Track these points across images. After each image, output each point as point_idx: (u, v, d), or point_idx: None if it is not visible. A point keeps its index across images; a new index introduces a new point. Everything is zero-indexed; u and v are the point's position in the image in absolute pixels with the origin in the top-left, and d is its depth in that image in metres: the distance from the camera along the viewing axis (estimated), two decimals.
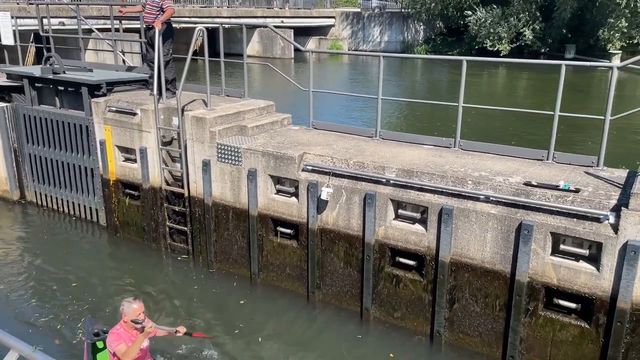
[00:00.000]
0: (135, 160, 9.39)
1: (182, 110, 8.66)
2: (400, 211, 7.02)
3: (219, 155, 8.19)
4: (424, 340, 6.95)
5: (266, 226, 8.07)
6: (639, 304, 5.46)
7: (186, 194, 8.85)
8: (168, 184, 9.18)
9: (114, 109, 9.42)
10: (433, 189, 6.62)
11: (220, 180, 8.32)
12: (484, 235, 6.28)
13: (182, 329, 5.64)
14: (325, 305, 7.75)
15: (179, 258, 9.21)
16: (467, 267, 6.49)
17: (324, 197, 7.19)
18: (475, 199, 6.35)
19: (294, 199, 7.78)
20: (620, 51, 37.24)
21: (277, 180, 7.92)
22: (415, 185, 6.74)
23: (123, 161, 9.63)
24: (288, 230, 7.95)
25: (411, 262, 6.96)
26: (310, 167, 7.50)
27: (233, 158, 8.05)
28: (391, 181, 6.90)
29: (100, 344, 6.06)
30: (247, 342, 6.96)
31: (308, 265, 7.77)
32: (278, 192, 7.98)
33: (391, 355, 6.72)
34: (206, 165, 8.32)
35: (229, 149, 8.04)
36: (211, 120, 8.27)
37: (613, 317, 5.58)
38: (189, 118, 8.39)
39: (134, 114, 9.15)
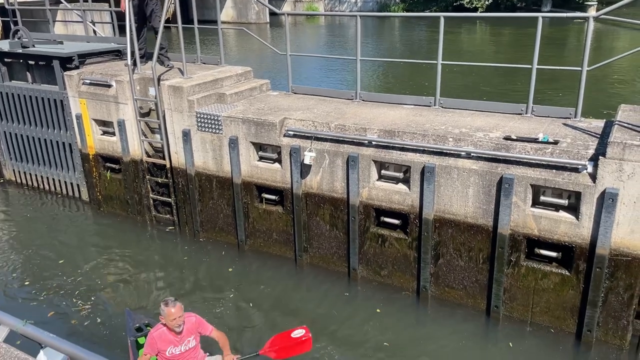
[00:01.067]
0: (113, 133, 9.25)
1: (158, 80, 8.50)
2: (383, 172, 7.06)
3: (199, 125, 8.10)
4: (410, 295, 7.12)
5: (250, 193, 8.08)
6: (617, 249, 5.64)
7: (168, 165, 8.78)
8: (149, 156, 9.08)
9: (88, 81, 9.21)
10: (415, 148, 6.66)
11: (202, 149, 8.26)
12: (466, 191, 6.37)
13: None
14: (313, 268, 7.86)
15: (166, 229, 9.21)
16: (451, 223, 6.60)
17: (307, 161, 7.20)
18: (457, 155, 6.42)
19: (277, 165, 7.77)
20: (595, 2, 37.23)
21: (259, 147, 7.89)
22: (397, 145, 6.77)
23: (101, 135, 9.48)
24: (273, 197, 7.98)
25: (396, 221, 7.06)
26: (291, 132, 7.47)
27: (213, 126, 7.97)
28: (373, 142, 6.92)
29: (142, 340, 5.65)
30: (237, 308, 7.06)
31: (294, 229, 7.83)
32: (261, 158, 7.96)
33: (378, 310, 6.89)
34: (186, 135, 8.24)
35: (209, 117, 7.95)
36: (188, 89, 8.15)
37: (592, 263, 5.76)
38: (166, 88, 8.25)
39: (109, 86, 8.95)
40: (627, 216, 5.49)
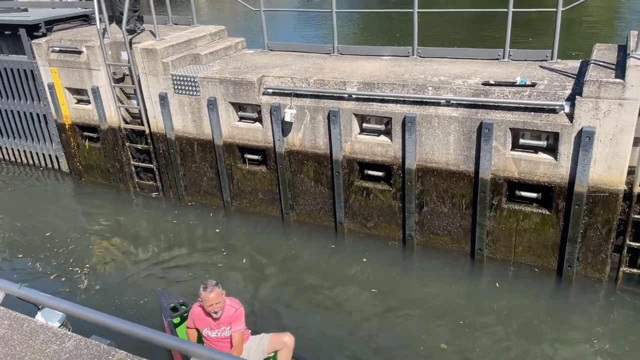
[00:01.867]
0: (88, 101, 9.06)
1: (130, 44, 8.29)
2: (364, 125, 7.08)
3: (176, 87, 7.97)
4: (397, 244, 7.28)
5: (233, 154, 8.06)
6: (595, 186, 5.80)
7: (147, 131, 8.68)
8: (127, 122, 8.94)
9: (57, 49, 8.94)
10: (395, 98, 6.66)
11: (180, 112, 8.15)
12: (447, 138, 6.43)
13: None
14: (300, 224, 7.96)
15: (150, 196, 9.19)
16: (433, 171, 6.69)
17: (287, 119, 7.17)
18: (437, 104, 6.44)
19: (257, 124, 7.72)
20: None
21: (239, 107, 7.82)
22: (377, 97, 6.76)
23: (76, 103, 9.28)
24: (256, 157, 7.97)
25: (379, 174, 7.14)
26: (270, 90, 7.40)
27: (190, 88, 7.85)
28: (353, 96, 6.90)
29: (177, 320, 5.55)
30: (228, 267, 7.16)
31: (279, 188, 7.87)
32: (241, 119, 7.90)
33: (364, 260, 7.04)
34: (163, 98, 8.11)
35: (185, 79, 7.82)
36: (162, 51, 7.96)
37: (571, 201, 5.93)
38: (139, 51, 8.05)
39: (80, 52, 8.70)
40: (604, 153, 5.62)
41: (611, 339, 5.52)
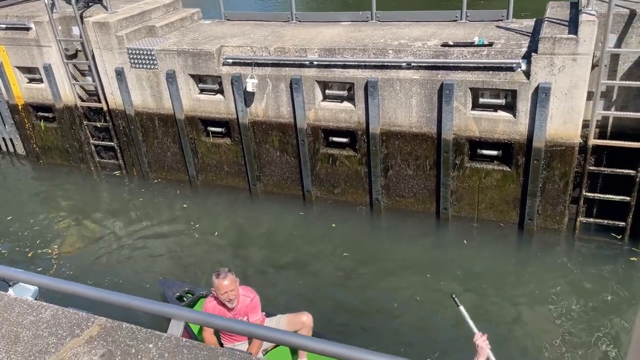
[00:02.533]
0: (41, 80, 8.71)
1: (82, 18, 7.98)
2: (327, 91, 7.08)
3: (132, 61, 7.75)
4: (364, 209, 7.40)
5: (196, 128, 7.95)
6: (552, 140, 6.01)
7: (105, 108, 8.44)
8: (83, 100, 8.67)
9: (3, 26, 8.52)
10: (356, 64, 6.67)
11: (139, 87, 7.95)
12: (409, 101, 6.51)
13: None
14: (268, 195, 7.97)
15: (113, 174, 9.00)
16: (397, 134, 6.78)
17: (249, 89, 7.10)
18: (398, 67, 6.49)
19: (219, 96, 7.62)
20: None
21: (199, 79, 7.68)
22: (339, 63, 6.76)
23: (28, 83, 8.92)
24: (219, 129, 7.89)
25: (344, 140, 7.18)
26: (230, 60, 7.29)
27: (147, 62, 7.65)
28: (314, 62, 6.87)
29: None
30: (198, 241, 7.14)
31: (245, 160, 7.84)
32: (202, 91, 7.77)
33: (333, 225, 7.15)
34: (120, 74, 7.88)
35: (141, 52, 7.61)
36: (116, 24, 7.70)
37: (530, 156, 6.13)
38: (91, 25, 7.77)
39: (28, 29, 8.32)
40: (560, 108, 5.81)
41: (571, 284, 5.82)
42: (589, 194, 6.28)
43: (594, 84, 5.80)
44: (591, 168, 6.14)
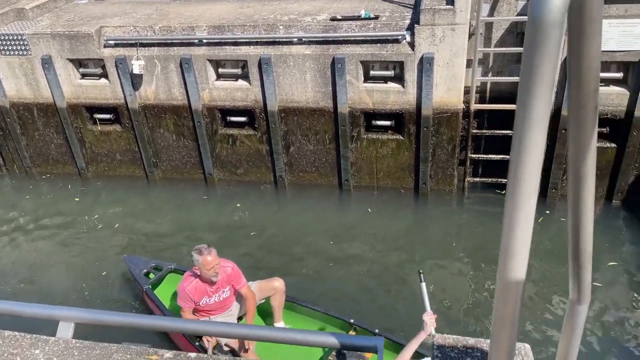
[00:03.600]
0: None
1: None
2: (220, 70, 6.92)
3: (1, 48, 7.04)
4: (269, 187, 7.41)
5: (80, 116, 7.44)
6: (438, 108, 6.37)
7: None
8: None
9: None
10: (248, 40, 6.58)
11: (11, 76, 7.26)
12: (303, 77, 6.56)
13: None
14: (167, 181, 7.71)
15: None
16: (295, 111, 6.82)
17: (136, 71, 6.75)
18: (289, 43, 6.49)
19: (103, 80, 7.17)
20: None
21: (79, 63, 7.16)
22: (230, 40, 6.62)
23: None
24: (107, 116, 7.44)
25: (242, 119, 7.10)
26: (112, 42, 6.87)
27: (19, 48, 6.99)
28: (204, 40, 6.68)
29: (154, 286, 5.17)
30: (100, 236, 6.76)
31: (139, 146, 7.49)
32: (83, 76, 7.26)
33: (238, 205, 7.11)
34: None
35: (11, 38, 6.93)
36: None
37: (420, 124, 6.46)
38: None
39: None
40: (443, 76, 6.16)
41: (464, 237, 6.32)
42: (474, 156, 6.77)
43: (472, 52, 6.21)
44: (474, 131, 6.60)
